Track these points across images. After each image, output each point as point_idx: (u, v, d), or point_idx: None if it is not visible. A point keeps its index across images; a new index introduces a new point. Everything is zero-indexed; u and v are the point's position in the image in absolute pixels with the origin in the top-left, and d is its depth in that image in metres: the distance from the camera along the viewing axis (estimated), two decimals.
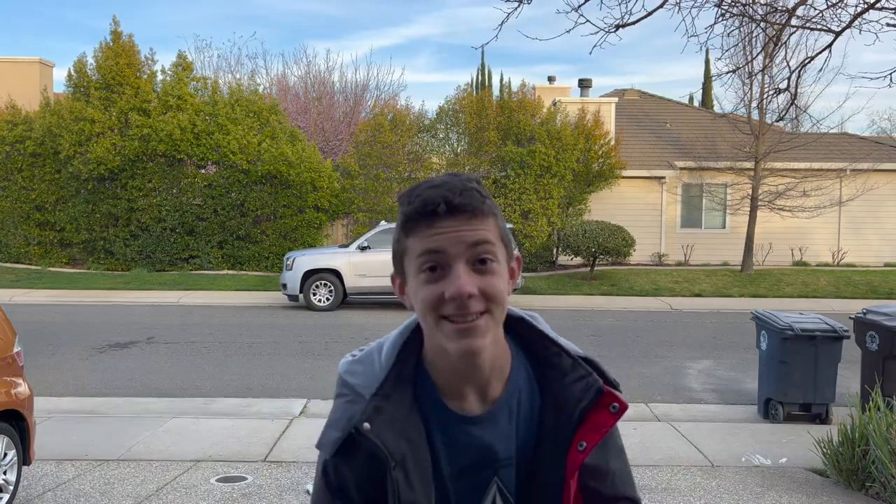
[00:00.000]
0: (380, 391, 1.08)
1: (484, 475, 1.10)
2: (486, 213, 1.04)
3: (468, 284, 1.00)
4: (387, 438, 1.05)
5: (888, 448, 4.59)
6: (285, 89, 26.88)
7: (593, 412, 1.09)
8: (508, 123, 18.71)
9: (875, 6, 5.41)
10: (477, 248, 1.02)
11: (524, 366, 1.13)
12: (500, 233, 1.06)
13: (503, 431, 1.10)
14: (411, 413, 1.09)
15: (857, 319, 6.60)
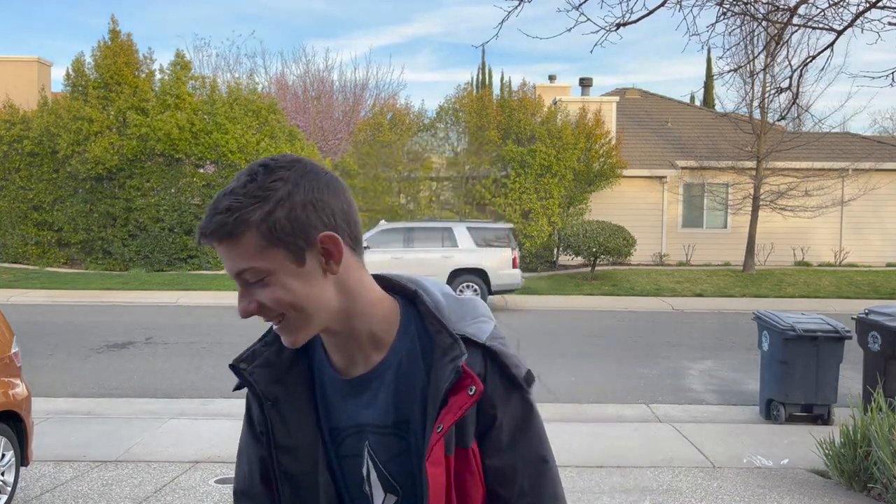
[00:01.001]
0: (265, 338, 1.16)
1: (357, 440, 1.12)
2: (237, 234, 1.00)
3: (244, 307, 1.03)
4: (259, 379, 1.13)
5: (890, 449, 4.56)
6: (284, 88, 26.86)
7: (454, 393, 1.06)
8: (509, 122, 18.69)
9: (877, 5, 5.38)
10: (240, 276, 1.03)
11: (413, 337, 1.11)
12: (263, 242, 1.00)
13: (375, 399, 1.10)
14: (295, 362, 1.14)
15: (859, 320, 6.57)
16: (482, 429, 1.11)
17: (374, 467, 1.13)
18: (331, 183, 1.06)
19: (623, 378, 8.35)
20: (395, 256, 13.55)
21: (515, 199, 18.27)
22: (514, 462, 1.11)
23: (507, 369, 1.11)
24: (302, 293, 1.03)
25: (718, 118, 19.10)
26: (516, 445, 1.12)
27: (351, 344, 1.11)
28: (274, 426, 1.13)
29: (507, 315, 13.24)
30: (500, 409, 1.11)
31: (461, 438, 1.09)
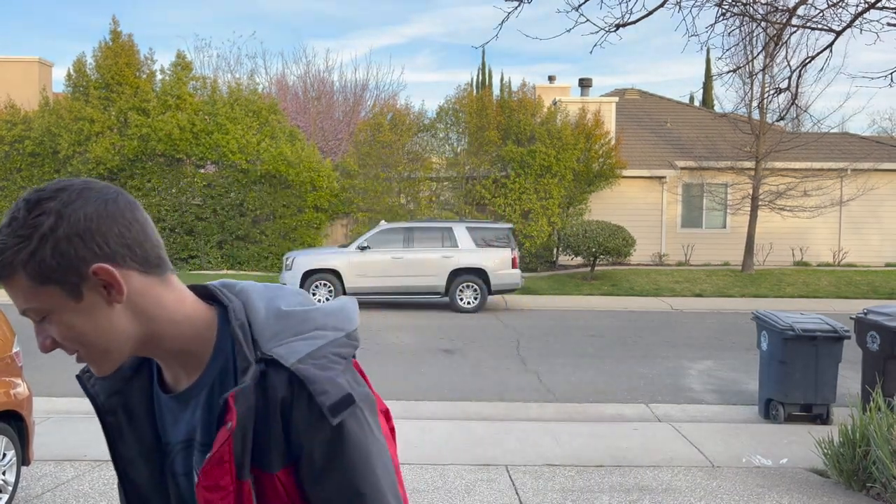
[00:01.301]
0: None
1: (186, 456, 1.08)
2: (6, 275, 0.96)
3: (42, 344, 0.99)
4: (100, 391, 1.11)
5: (889, 448, 4.58)
6: (284, 89, 26.88)
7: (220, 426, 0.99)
8: (509, 123, 18.71)
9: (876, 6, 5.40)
10: (26, 314, 0.98)
11: (227, 355, 1.04)
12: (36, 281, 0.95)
13: (194, 416, 1.05)
14: (138, 373, 1.12)
15: (857, 319, 6.59)
16: (293, 456, 1.02)
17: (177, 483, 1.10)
18: (107, 206, 0.97)
19: (622, 378, 8.36)
20: (395, 256, 13.57)
21: (515, 200, 18.29)
22: (328, 496, 1.02)
23: (313, 397, 0.99)
24: (87, 328, 0.98)
25: (717, 118, 19.15)
26: (326, 478, 1.02)
27: (169, 363, 1.06)
28: (114, 437, 1.12)
29: (507, 315, 13.26)
30: (304, 438, 1.00)
31: (263, 463, 1.01)
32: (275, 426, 1.00)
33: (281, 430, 1.00)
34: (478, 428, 6.12)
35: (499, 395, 7.52)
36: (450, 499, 4.57)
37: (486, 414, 6.81)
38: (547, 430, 6.15)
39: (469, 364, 8.99)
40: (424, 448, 5.55)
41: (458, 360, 9.25)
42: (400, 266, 13.51)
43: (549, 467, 5.21)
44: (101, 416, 1.12)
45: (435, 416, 6.71)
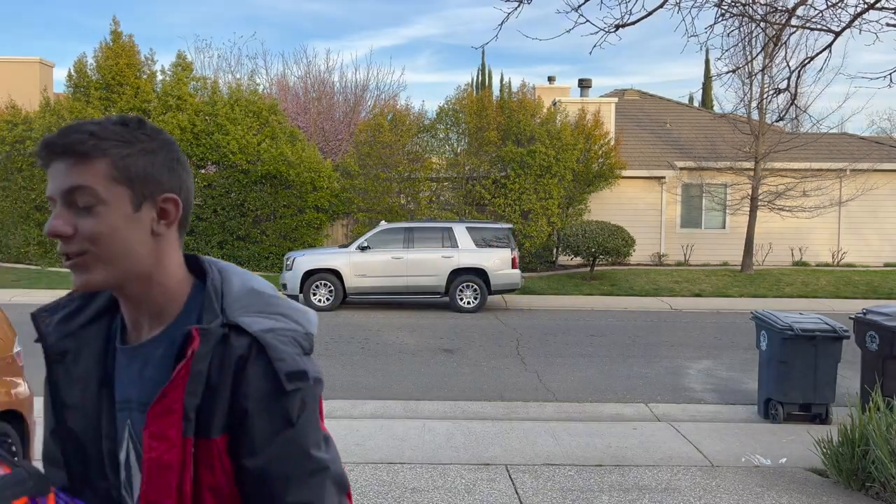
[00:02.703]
0: (72, 294, 1.15)
1: (123, 415, 1.08)
2: (92, 156, 1.01)
3: (57, 225, 1.01)
4: (52, 332, 1.13)
5: (888, 448, 4.59)
6: (285, 89, 26.89)
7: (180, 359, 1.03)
8: (508, 123, 18.72)
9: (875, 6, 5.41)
10: (70, 193, 1.01)
11: (192, 320, 1.07)
12: (115, 175, 1.02)
13: (142, 373, 1.07)
14: (95, 321, 1.14)
15: (856, 319, 6.60)
16: (234, 423, 1.02)
17: (132, 447, 1.07)
18: (186, 163, 1.12)
19: (622, 377, 8.38)
20: (395, 256, 13.58)
21: (515, 200, 18.30)
22: (268, 465, 1.02)
23: (271, 363, 1.02)
24: (119, 235, 1.02)
25: (717, 119, 19.17)
26: (266, 448, 1.02)
27: (139, 312, 1.09)
28: (59, 382, 1.12)
29: (507, 315, 13.28)
30: (252, 403, 1.02)
31: (204, 427, 1.02)
32: (224, 389, 1.02)
33: (229, 394, 1.02)
34: (478, 427, 6.13)
35: (499, 395, 7.53)
36: (450, 498, 4.59)
37: (486, 413, 6.83)
38: (547, 429, 6.16)
39: (469, 364, 9.00)
40: (424, 447, 5.56)
41: (458, 359, 9.27)
42: (400, 266, 13.52)
43: (548, 466, 5.23)
44: (49, 357, 1.13)
45: (435, 415, 6.72)
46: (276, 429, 1.03)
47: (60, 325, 1.13)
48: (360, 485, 4.76)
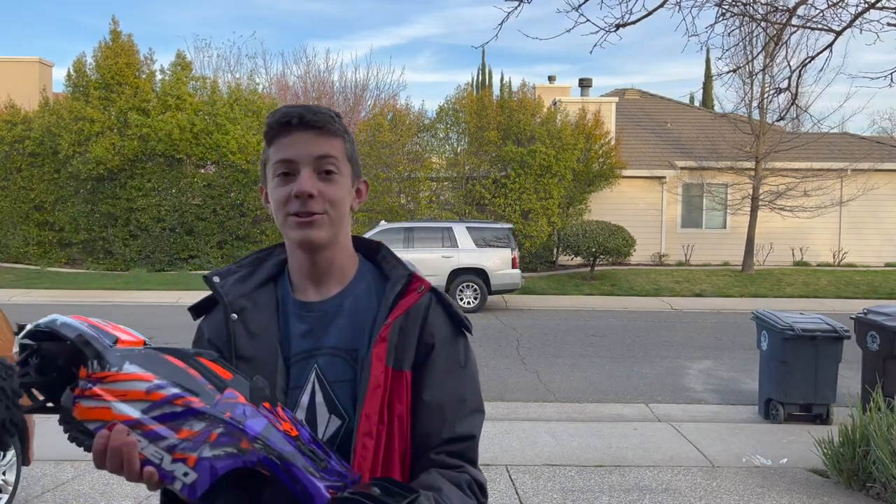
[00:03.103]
0: (240, 262, 1.32)
1: (304, 367, 1.21)
2: (334, 132, 1.22)
3: (309, 185, 1.18)
4: (229, 291, 1.26)
5: (889, 448, 4.58)
6: (285, 89, 26.88)
7: (404, 295, 1.22)
8: (509, 123, 18.70)
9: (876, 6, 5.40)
10: (322, 159, 1.20)
11: (369, 281, 1.28)
12: (346, 153, 1.24)
13: (330, 324, 1.23)
14: (264, 288, 1.28)
15: (857, 319, 6.59)
16: (419, 359, 1.21)
17: (320, 388, 1.20)
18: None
19: (622, 377, 8.36)
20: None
21: (515, 200, 18.28)
22: (444, 399, 1.20)
23: (450, 307, 1.25)
24: (345, 204, 1.24)
25: (717, 119, 19.14)
26: (443, 381, 1.21)
27: (327, 272, 1.26)
28: (237, 337, 1.23)
29: (507, 315, 13.26)
30: (438, 340, 1.22)
31: (398, 360, 1.19)
32: (412, 331, 1.21)
33: (417, 335, 1.22)
34: None
35: (499, 395, 7.52)
36: None
37: (486, 413, 6.81)
38: (547, 429, 6.15)
39: None
40: None
41: None
42: None
43: (548, 467, 5.21)
44: (227, 314, 1.25)
45: None
46: (451, 367, 1.23)
47: (235, 286, 1.27)
48: None
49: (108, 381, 1.00)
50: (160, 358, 1.03)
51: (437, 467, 1.18)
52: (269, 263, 1.32)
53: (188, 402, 0.99)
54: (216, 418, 1.00)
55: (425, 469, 1.19)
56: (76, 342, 1.01)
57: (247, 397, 1.03)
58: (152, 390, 0.99)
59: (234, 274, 1.29)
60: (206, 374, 1.04)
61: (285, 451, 1.01)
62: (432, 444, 1.20)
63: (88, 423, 1.01)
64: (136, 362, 1.01)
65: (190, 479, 0.98)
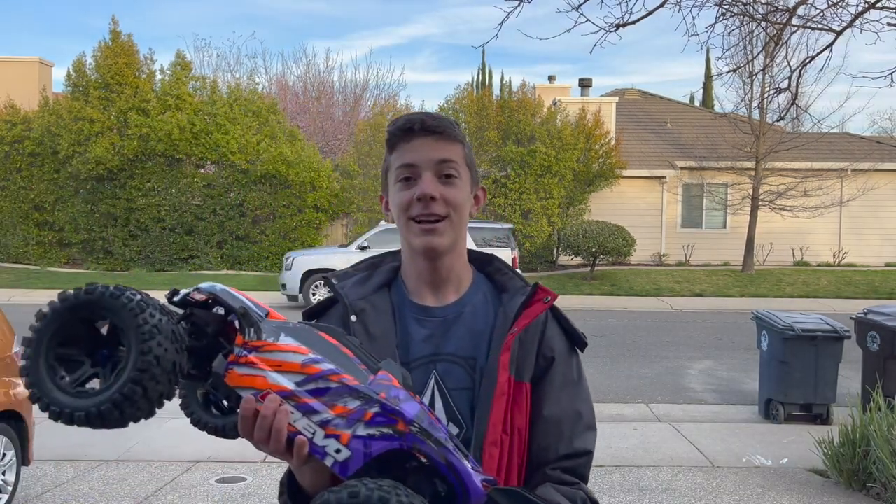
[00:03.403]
0: (356, 266, 1.35)
1: (424, 372, 1.22)
2: (455, 138, 1.24)
3: (432, 188, 1.20)
4: (349, 293, 1.28)
5: (889, 448, 4.58)
6: (284, 89, 26.88)
7: (529, 305, 1.23)
8: (509, 123, 18.70)
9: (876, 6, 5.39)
10: (443, 164, 1.22)
11: (484, 290, 1.30)
12: (466, 159, 1.26)
13: (449, 331, 1.25)
14: (380, 292, 1.30)
15: (857, 320, 6.58)
16: (538, 372, 1.24)
17: (440, 395, 1.21)
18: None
19: (622, 377, 8.36)
20: None
21: (515, 200, 18.28)
22: (562, 414, 1.23)
23: (567, 322, 1.29)
24: (465, 209, 1.26)
25: (717, 118, 19.12)
26: (561, 394, 1.24)
27: (445, 279, 1.28)
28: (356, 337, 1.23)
29: None
30: (557, 354, 1.25)
31: (518, 371, 1.21)
32: (531, 343, 1.24)
33: (536, 348, 1.24)
34: None
35: None
36: None
37: None
38: None
39: None
40: None
41: None
42: None
43: None
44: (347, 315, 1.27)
45: None
46: (568, 382, 1.25)
47: (354, 289, 1.29)
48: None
49: (265, 351, 1.00)
50: (314, 334, 1.04)
51: (553, 482, 1.19)
52: (384, 269, 1.34)
53: (343, 379, 0.98)
54: (371, 398, 0.97)
55: (540, 483, 1.19)
56: (236, 310, 1.01)
57: (400, 382, 1.02)
58: (308, 363, 0.99)
59: (351, 277, 1.32)
60: (360, 353, 1.04)
61: (441, 437, 0.98)
62: (549, 459, 1.21)
63: (241, 389, 0.99)
64: (291, 335, 1.02)
65: (342, 457, 0.96)
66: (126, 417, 0.92)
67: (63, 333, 0.97)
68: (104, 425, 0.93)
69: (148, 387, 0.91)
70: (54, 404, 0.93)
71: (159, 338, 0.92)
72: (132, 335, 0.92)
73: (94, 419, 0.91)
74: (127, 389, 0.90)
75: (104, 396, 0.91)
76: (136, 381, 0.90)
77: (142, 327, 0.91)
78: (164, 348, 0.92)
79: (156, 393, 0.93)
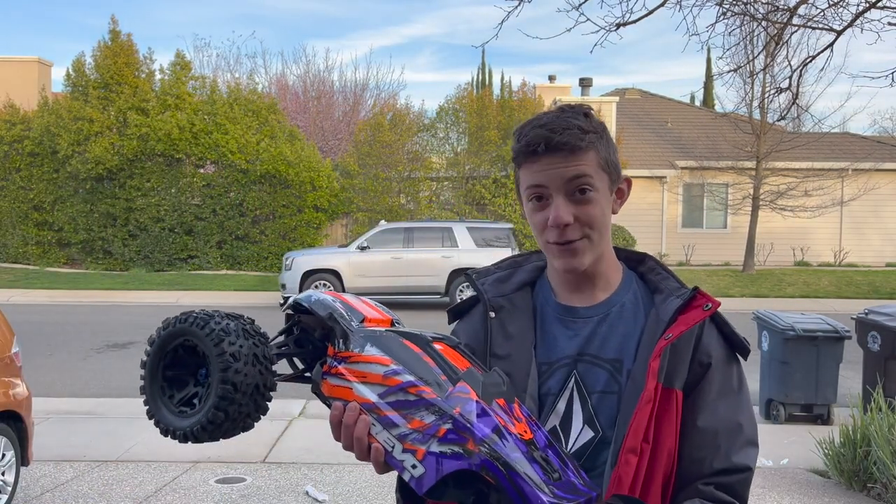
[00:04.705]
0: (499, 264, 1.33)
1: (565, 374, 1.19)
2: (585, 148, 1.15)
3: (565, 215, 1.14)
4: (489, 290, 1.27)
5: (890, 449, 4.57)
6: (284, 88, 26.87)
7: (685, 311, 1.16)
8: (509, 123, 18.69)
9: (876, 5, 5.38)
10: (573, 181, 1.14)
11: (634, 290, 1.24)
12: (601, 163, 1.17)
13: (595, 332, 1.20)
14: (521, 291, 1.27)
15: (858, 320, 6.57)
16: (691, 379, 1.15)
17: (578, 396, 1.18)
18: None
19: None
20: (395, 256, 13.55)
21: (515, 199, 18.26)
22: (719, 426, 1.14)
23: (727, 326, 1.19)
24: (606, 219, 1.19)
25: (718, 118, 19.10)
26: (717, 404, 1.15)
27: (586, 280, 1.22)
28: (493, 335, 1.23)
29: None
30: (714, 360, 1.16)
31: (668, 378, 1.13)
32: (685, 349, 1.15)
33: (690, 354, 1.15)
34: None
35: None
36: None
37: None
38: None
39: None
40: None
41: None
42: (400, 266, 13.49)
43: None
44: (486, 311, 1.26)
45: None
46: (726, 391, 1.16)
47: (494, 286, 1.27)
48: (360, 485, 4.73)
49: (351, 362, 1.04)
50: (399, 342, 1.05)
51: (704, 499, 1.11)
52: (527, 268, 1.31)
53: (420, 392, 0.99)
54: (445, 413, 0.97)
55: (689, 498, 1.11)
56: (325, 319, 1.07)
57: (478, 393, 1.00)
58: (389, 375, 1.01)
59: (492, 274, 1.30)
60: (441, 363, 1.03)
61: (512, 457, 0.95)
62: (703, 473, 1.12)
63: (333, 400, 1.06)
64: (376, 345, 1.04)
65: (418, 473, 0.98)
66: (217, 436, 1.01)
67: (169, 359, 1.07)
68: (198, 442, 1.02)
69: (229, 411, 0.99)
70: (162, 422, 1.04)
71: (237, 365, 0.98)
72: (213, 363, 0.99)
73: (189, 437, 1.01)
74: (211, 415, 0.99)
75: (194, 420, 1.01)
76: (217, 408, 0.98)
77: (221, 356, 0.98)
78: (244, 374, 0.99)
79: (239, 415, 1.00)
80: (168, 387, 1.06)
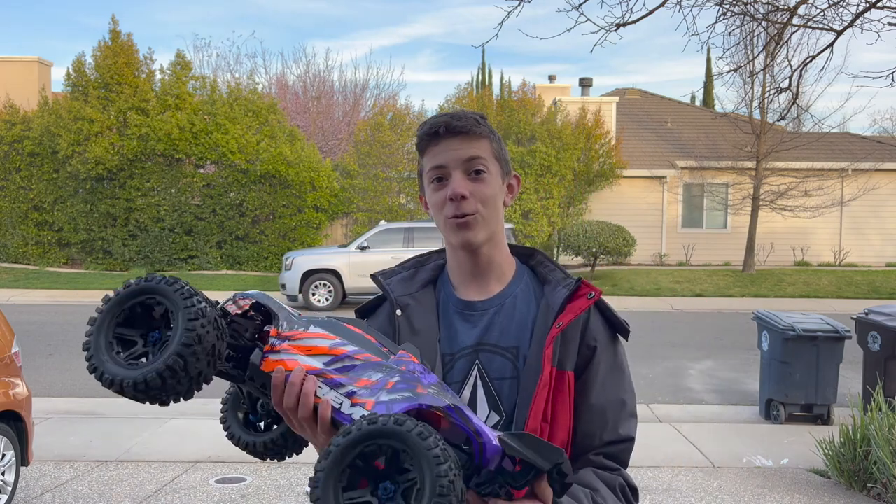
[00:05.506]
0: (402, 264, 1.41)
1: (467, 362, 1.28)
2: (481, 135, 1.28)
3: (461, 188, 1.25)
4: (395, 289, 1.35)
5: (890, 449, 4.57)
6: (284, 88, 26.86)
7: (572, 300, 1.28)
8: (509, 123, 18.69)
9: (877, 5, 5.39)
10: (470, 161, 1.27)
11: (526, 281, 1.35)
12: (494, 153, 1.30)
13: (492, 323, 1.29)
14: (425, 289, 1.36)
15: (858, 320, 6.58)
16: (581, 362, 1.27)
17: (482, 384, 1.27)
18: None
19: None
20: (395, 256, 13.54)
21: (515, 199, 18.19)
22: (608, 402, 1.27)
23: (609, 311, 1.31)
24: (496, 202, 1.30)
25: (718, 118, 19.10)
26: (605, 383, 1.28)
27: (487, 271, 1.32)
28: (401, 331, 1.31)
29: None
30: (599, 343, 1.28)
31: (560, 361, 1.24)
32: (574, 333, 1.27)
33: (578, 339, 1.27)
34: None
35: None
36: None
37: None
38: None
39: None
40: None
41: None
42: None
43: None
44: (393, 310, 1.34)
45: None
46: (612, 370, 1.29)
47: (400, 285, 1.36)
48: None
49: (296, 339, 1.11)
50: (341, 325, 1.14)
51: (594, 467, 1.24)
52: (428, 267, 1.40)
53: (367, 358, 1.08)
54: (392, 369, 1.07)
55: (583, 467, 1.24)
56: (272, 307, 1.15)
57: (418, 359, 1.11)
58: (335, 346, 1.10)
59: (397, 274, 1.38)
60: (382, 339, 1.14)
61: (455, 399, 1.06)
62: (593, 446, 1.26)
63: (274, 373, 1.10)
64: (319, 325, 1.14)
65: None
66: (167, 389, 1.03)
67: (123, 316, 1.09)
68: (147, 395, 1.04)
69: (189, 361, 1.02)
70: (107, 373, 1.04)
71: (203, 320, 1.03)
72: (180, 315, 1.03)
73: (139, 386, 1.02)
74: (171, 360, 1.01)
75: (151, 367, 1.02)
76: (179, 354, 1.01)
77: (189, 309, 1.03)
78: (207, 330, 1.03)
79: (195, 370, 1.03)
80: (116, 343, 1.08)
